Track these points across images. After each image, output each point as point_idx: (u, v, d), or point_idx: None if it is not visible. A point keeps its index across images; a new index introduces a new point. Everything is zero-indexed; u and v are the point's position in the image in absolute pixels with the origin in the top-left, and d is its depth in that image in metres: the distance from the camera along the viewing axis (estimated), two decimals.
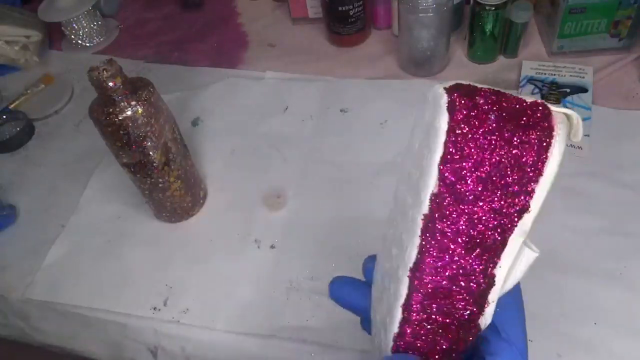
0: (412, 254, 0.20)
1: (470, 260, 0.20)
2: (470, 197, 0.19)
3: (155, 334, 0.47)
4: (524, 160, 0.19)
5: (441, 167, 0.19)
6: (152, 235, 0.53)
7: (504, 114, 0.18)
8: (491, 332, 0.24)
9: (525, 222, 0.19)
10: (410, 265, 0.20)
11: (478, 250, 0.20)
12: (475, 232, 0.19)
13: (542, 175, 0.19)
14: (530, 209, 0.19)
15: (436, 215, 0.19)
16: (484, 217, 0.19)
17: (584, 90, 0.57)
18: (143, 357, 0.48)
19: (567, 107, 0.21)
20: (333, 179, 0.54)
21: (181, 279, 0.49)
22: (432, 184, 0.19)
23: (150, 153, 0.46)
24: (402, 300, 0.21)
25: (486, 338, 0.24)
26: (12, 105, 0.67)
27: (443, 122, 0.18)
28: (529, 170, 0.19)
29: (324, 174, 0.54)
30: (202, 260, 0.50)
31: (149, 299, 0.48)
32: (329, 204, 0.52)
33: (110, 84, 0.42)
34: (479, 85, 0.19)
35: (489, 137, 0.18)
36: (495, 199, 0.19)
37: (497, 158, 0.18)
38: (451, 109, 0.18)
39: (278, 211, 0.52)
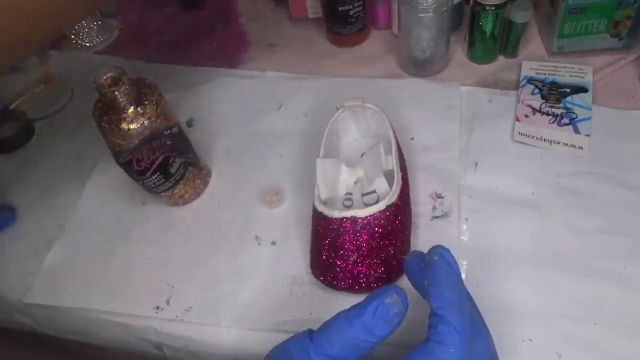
0: None
1: None
2: None
3: (158, 333, 0.47)
4: None
5: None
6: (152, 235, 0.53)
7: None
8: (435, 318, 0.29)
9: None
10: None
11: None
12: None
13: None
14: None
15: None
16: None
17: (584, 90, 0.57)
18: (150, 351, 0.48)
19: (567, 107, 0.21)
20: None
21: (182, 278, 0.49)
22: None
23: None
24: None
25: (433, 323, 0.28)
26: (12, 105, 0.67)
27: None
28: None
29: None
30: (203, 258, 0.50)
31: (152, 299, 0.48)
32: None
33: (121, 99, 0.42)
34: None
35: None
36: None
37: None
38: None
39: (277, 207, 0.53)
